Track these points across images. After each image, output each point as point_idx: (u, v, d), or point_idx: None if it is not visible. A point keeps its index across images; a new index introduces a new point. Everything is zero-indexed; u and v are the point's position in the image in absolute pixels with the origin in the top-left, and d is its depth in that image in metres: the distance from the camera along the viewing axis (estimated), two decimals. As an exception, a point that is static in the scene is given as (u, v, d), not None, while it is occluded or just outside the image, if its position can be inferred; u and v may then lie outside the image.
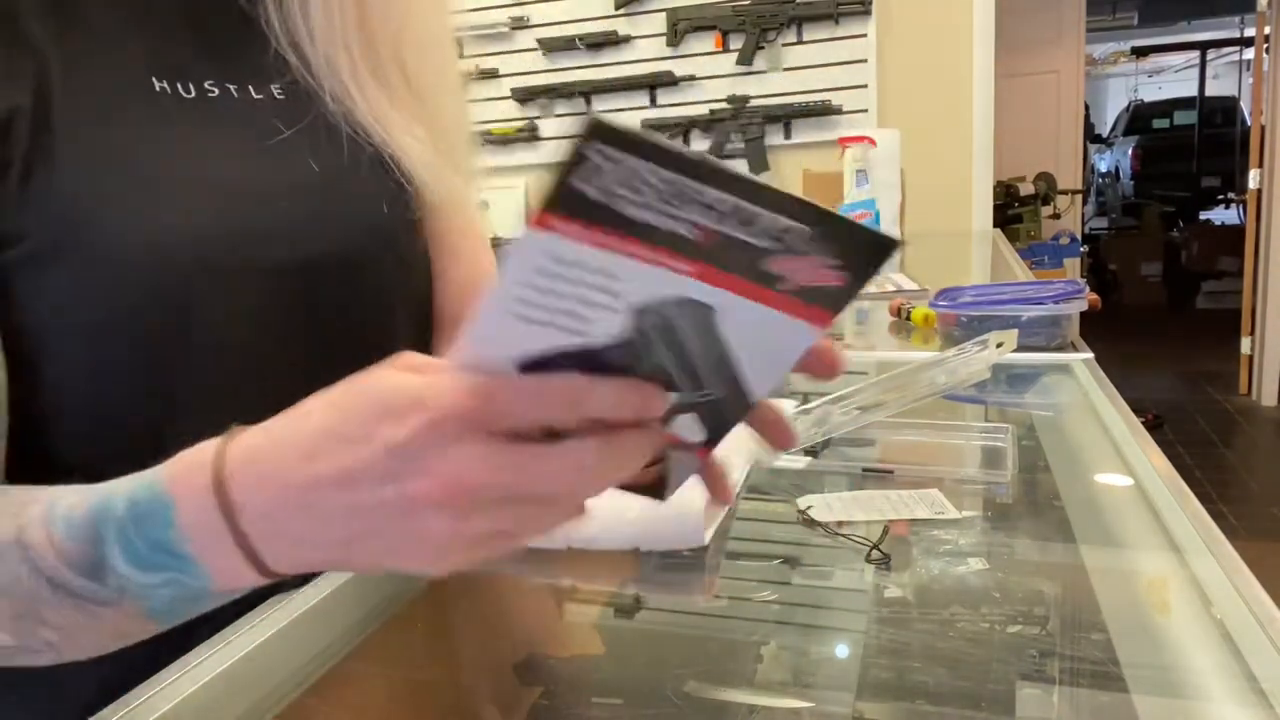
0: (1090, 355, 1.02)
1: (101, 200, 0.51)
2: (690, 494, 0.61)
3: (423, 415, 0.32)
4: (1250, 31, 5.43)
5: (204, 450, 0.37)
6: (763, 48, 3.40)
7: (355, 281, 0.61)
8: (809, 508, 0.65)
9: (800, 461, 0.76)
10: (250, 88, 0.60)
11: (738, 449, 0.75)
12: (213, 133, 0.57)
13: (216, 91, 0.59)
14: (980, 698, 0.43)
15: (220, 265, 0.53)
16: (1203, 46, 9.51)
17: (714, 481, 0.41)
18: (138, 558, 0.38)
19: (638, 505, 0.60)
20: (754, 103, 3.45)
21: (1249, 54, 6.21)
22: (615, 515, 0.60)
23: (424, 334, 0.69)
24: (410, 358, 0.35)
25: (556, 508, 0.35)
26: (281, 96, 0.61)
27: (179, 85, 0.57)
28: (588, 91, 3.61)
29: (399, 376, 0.34)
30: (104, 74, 0.54)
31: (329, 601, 0.58)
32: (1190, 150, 8.93)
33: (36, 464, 0.52)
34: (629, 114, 3.59)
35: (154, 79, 0.56)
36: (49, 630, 0.40)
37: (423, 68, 0.65)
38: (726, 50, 3.46)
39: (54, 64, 0.52)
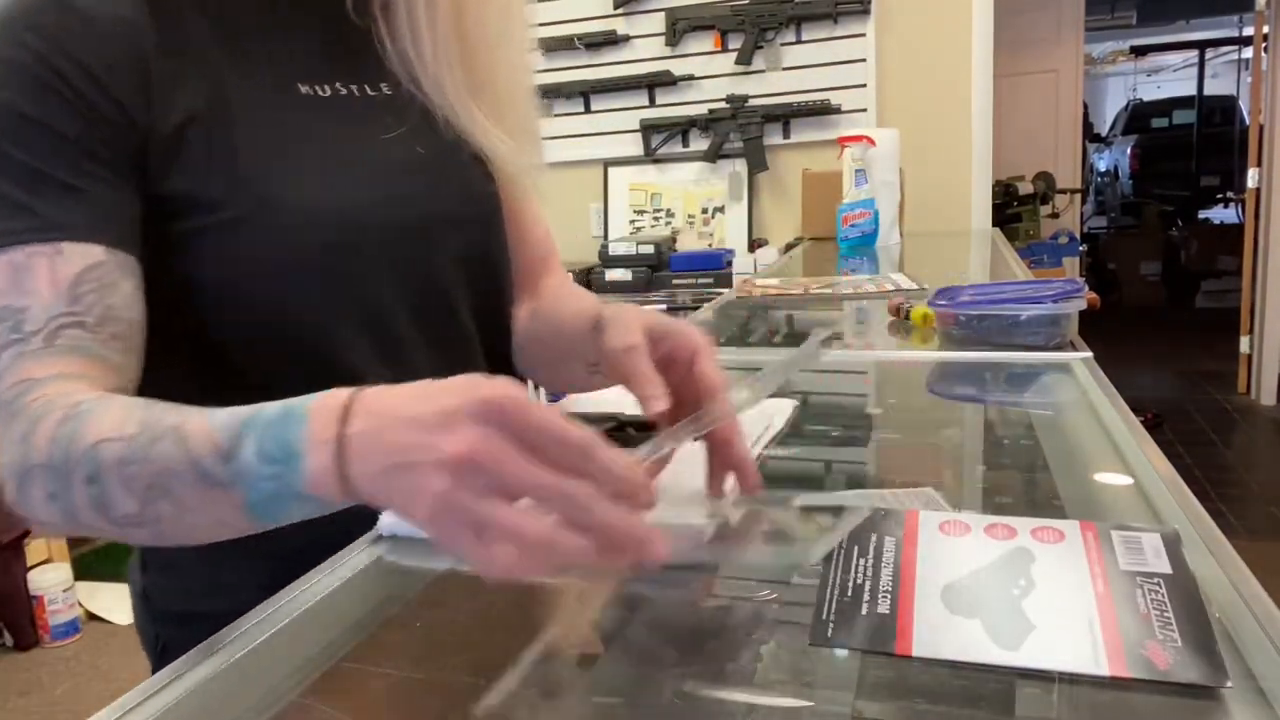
0: (1089, 354, 1.02)
1: (278, 180, 0.67)
2: (692, 501, 0.61)
3: (474, 395, 0.43)
4: (1249, 31, 5.43)
5: (346, 390, 0.48)
6: (761, 47, 3.40)
7: (453, 239, 0.77)
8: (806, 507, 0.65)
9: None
10: (366, 87, 0.76)
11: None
12: (346, 124, 0.73)
13: (345, 91, 0.74)
14: (980, 697, 0.43)
15: (364, 224, 0.71)
16: (1201, 46, 9.51)
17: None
18: (262, 449, 0.48)
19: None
20: (753, 102, 3.45)
21: (1248, 53, 6.21)
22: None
23: (493, 286, 0.83)
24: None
25: (524, 537, 0.42)
26: (390, 93, 0.76)
27: (317, 87, 0.73)
28: (587, 91, 3.61)
29: (481, 377, 0.45)
30: (264, 82, 0.70)
31: (329, 601, 0.58)
32: (1189, 149, 8.93)
33: (220, 384, 0.66)
34: (628, 113, 3.59)
35: (299, 84, 0.72)
36: (168, 504, 0.51)
37: (508, 82, 0.80)
38: (725, 50, 3.46)
39: (226, 76, 0.67)
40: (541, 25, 3.62)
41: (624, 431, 0.77)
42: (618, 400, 0.90)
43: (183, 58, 0.66)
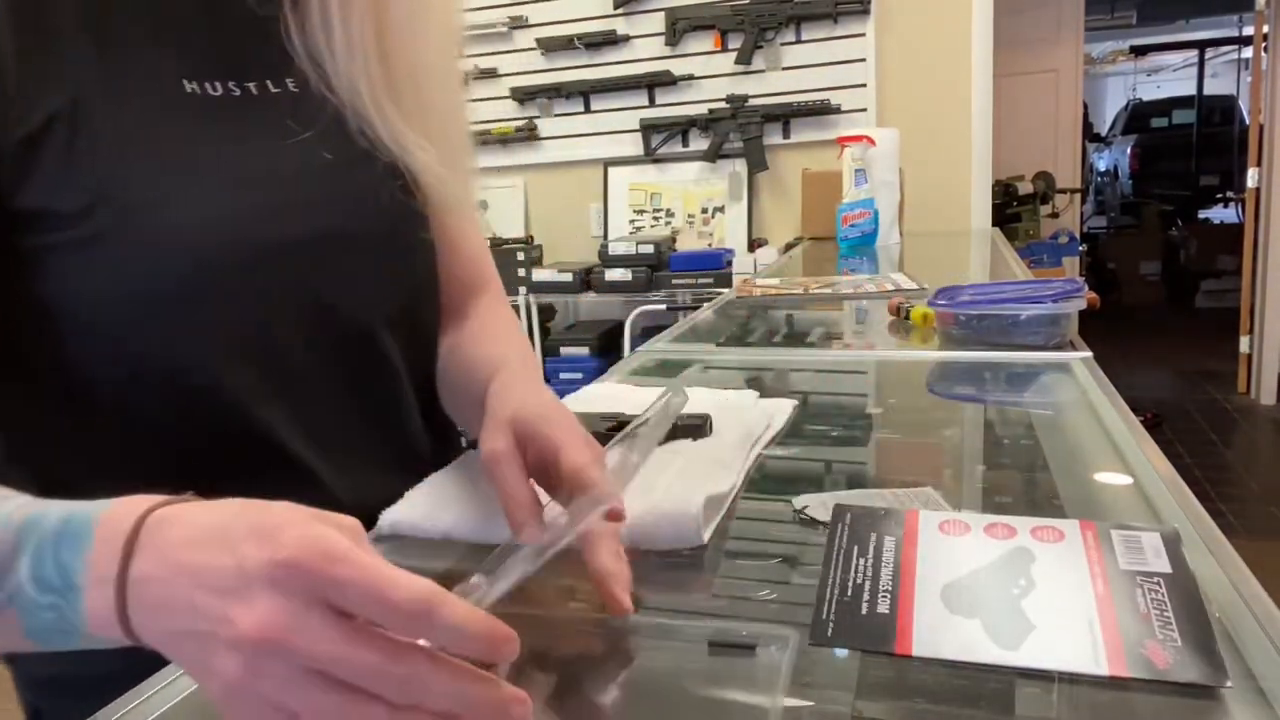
0: (1089, 354, 1.02)
1: (146, 190, 0.59)
2: (689, 494, 0.61)
3: (275, 554, 0.34)
4: (1249, 30, 5.44)
5: (142, 502, 0.40)
6: (761, 47, 3.40)
7: (363, 257, 0.69)
8: (805, 507, 0.65)
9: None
10: (268, 83, 0.67)
11: (730, 459, 0.75)
12: (237, 126, 0.65)
13: (239, 90, 0.66)
14: (980, 697, 0.43)
15: (248, 239, 0.62)
16: (1201, 45, 9.52)
17: None
18: (40, 574, 0.40)
19: (637, 505, 0.60)
20: (753, 102, 3.45)
21: (1247, 53, 6.22)
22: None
23: (418, 310, 0.76)
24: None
25: None
26: (296, 90, 0.68)
27: (206, 85, 0.64)
28: (586, 91, 3.61)
29: (304, 512, 0.37)
30: (140, 81, 0.61)
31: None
32: (1189, 149, 8.94)
33: (90, 421, 0.62)
34: (628, 113, 3.59)
35: (184, 81, 0.63)
36: None
37: (432, 83, 0.71)
38: (725, 50, 3.46)
39: (93, 76, 0.59)
40: (541, 25, 3.62)
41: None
42: (617, 400, 0.90)
43: (45, 55, 0.58)
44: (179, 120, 0.62)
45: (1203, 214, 8.54)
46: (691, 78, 3.51)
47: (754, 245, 3.43)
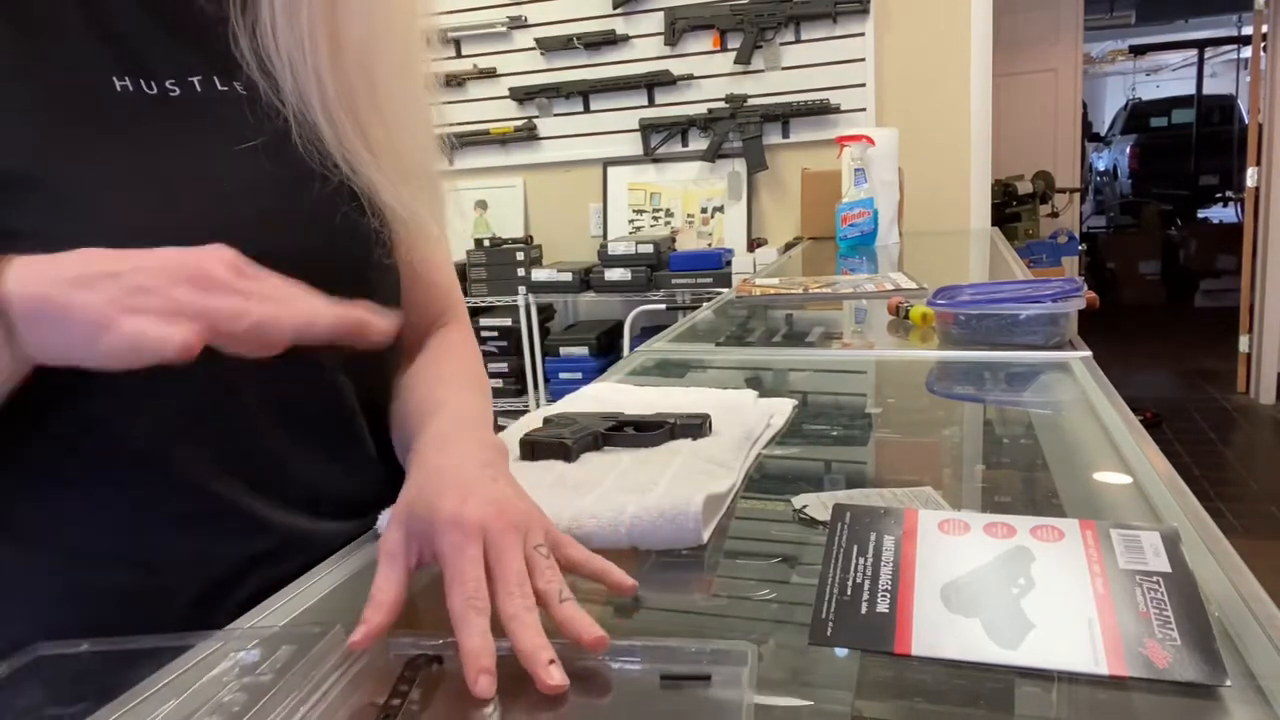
0: (1089, 353, 1.02)
1: (52, 199, 0.53)
2: (689, 494, 0.61)
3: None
4: (1248, 30, 5.44)
5: None
6: (760, 47, 3.40)
7: (308, 281, 0.60)
8: (804, 507, 0.65)
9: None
10: (215, 79, 0.62)
11: (730, 459, 0.75)
12: (172, 131, 0.60)
13: (178, 89, 0.61)
14: (979, 696, 0.43)
15: None
16: (1200, 45, 9.53)
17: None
18: None
19: (635, 505, 0.60)
20: (752, 102, 3.45)
21: (1246, 52, 6.23)
22: (613, 514, 0.60)
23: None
24: None
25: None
26: (244, 92, 0.63)
27: (141, 82, 0.59)
28: (586, 91, 3.61)
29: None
30: (63, 80, 0.56)
31: (326, 602, 0.58)
32: (1188, 148, 8.94)
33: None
34: (627, 113, 3.59)
35: (114, 79, 0.58)
36: None
37: (392, 95, 0.66)
38: (724, 49, 3.46)
39: (8, 75, 0.54)
40: (541, 25, 3.62)
41: (623, 431, 0.77)
42: (616, 400, 0.90)
43: None
44: (105, 121, 0.57)
45: (1202, 213, 8.55)
46: (691, 77, 3.51)
47: (753, 245, 3.43)
